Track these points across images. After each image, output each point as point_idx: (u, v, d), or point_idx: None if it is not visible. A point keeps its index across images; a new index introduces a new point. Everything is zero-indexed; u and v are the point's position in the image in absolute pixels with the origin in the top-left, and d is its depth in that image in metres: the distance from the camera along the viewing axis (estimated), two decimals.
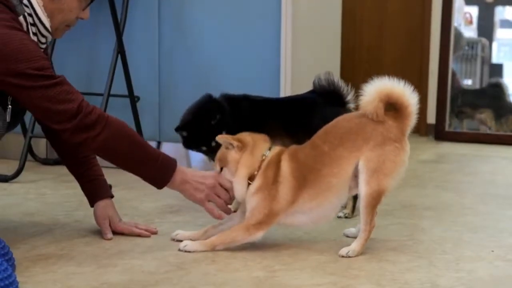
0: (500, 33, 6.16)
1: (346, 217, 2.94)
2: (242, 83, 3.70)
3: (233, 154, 2.48)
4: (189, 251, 2.44)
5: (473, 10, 6.04)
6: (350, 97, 2.91)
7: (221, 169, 2.52)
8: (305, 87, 3.01)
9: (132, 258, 2.40)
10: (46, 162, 3.99)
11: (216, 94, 2.93)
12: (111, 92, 3.72)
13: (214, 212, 2.53)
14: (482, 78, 5.94)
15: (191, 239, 2.51)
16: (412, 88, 2.45)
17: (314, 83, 2.95)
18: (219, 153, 2.52)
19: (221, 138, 2.49)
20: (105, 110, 3.63)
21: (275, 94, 3.61)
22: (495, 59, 6.08)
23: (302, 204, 2.45)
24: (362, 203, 2.41)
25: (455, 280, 2.23)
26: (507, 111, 5.62)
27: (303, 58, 3.77)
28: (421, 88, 5.50)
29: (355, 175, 2.43)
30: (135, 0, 3.91)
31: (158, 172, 2.48)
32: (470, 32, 6.02)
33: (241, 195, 2.47)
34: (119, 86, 3.78)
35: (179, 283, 2.16)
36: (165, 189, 2.53)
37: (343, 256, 2.41)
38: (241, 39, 3.79)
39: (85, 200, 2.68)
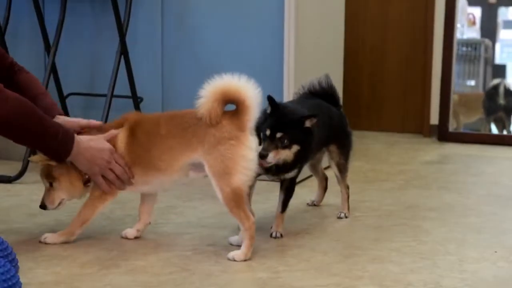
0: (503, 34, 6.15)
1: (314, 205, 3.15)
2: None
3: (59, 169, 2.52)
4: (48, 243, 2.52)
5: (476, 11, 6.03)
6: (341, 100, 3.07)
7: (51, 184, 2.56)
8: None
9: (135, 259, 2.40)
10: None
11: None
12: (114, 93, 3.72)
13: (104, 186, 2.52)
14: (485, 79, 5.93)
15: (138, 230, 2.65)
16: (251, 81, 2.38)
17: (313, 86, 2.95)
18: (43, 170, 2.56)
19: (36, 160, 2.55)
20: (108, 111, 3.64)
21: (278, 94, 3.59)
22: (498, 60, 6.07)
23: (137, 177, 2.51)
24: (226, 208, 2.40)
25: (458, 281, 2.23)
26: (496, 110, 5.65)
27: (306, 59, 3.77)
28: (424, 89, 5.52)
29: (194, 166, 2.45)
30: (138, 1, 3.91)
31: (59, 148, 2.45)
32: (473, 33, 6.01)
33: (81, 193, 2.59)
34: (122, 87, 3.78)
35: (183, 284, 2.16)
36: (168, 190, 2.53)
37: (228, 259, 2.38)
38: (245, 40, 3.79)
39: None
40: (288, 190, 2.73)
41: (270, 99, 2.63)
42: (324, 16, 4.10)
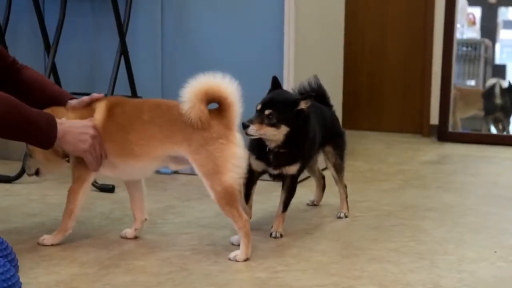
0: (503, 34, 6.15)
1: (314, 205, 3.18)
2: (245, 83, 3.69)
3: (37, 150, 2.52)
4: (47, 245, 2.52)
5: (476, 11, 6.03)
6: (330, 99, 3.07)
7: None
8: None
9: (134, 259, 2.40)
10: None
11: None
12: (114, 93, 3.72)
13: (94, 165, 2.48)
14: (485, 79, 5.93)
15: (136, 229, 2.64)
16: (230, 77, 2.38)
17: (303, 87, 2.95)
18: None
19: None
20: None
21: None
22: (498, 60, 6.07)
23: (110, 157, 2.47)
24: (219, 207, 2.39)
25: (457, 281, 2.23)
26: (494, 110, 5.66)
27: (306, 59, 3.77)
28: (423, 89, 5.53)
29: (174, 158, 2.43)
30: (138, 1, 3.91)
31: (44, 135, 2.40)
32: (473, 33, 6.01)
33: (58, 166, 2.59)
34: (122, 87, 3.78)
35: (182, 284, 2.16)
36: (167, 190, 2.53)
37: (230, 260, 2.39)
38: (244, 40, 3.79)
39: (87, 201, 2.68)
40: (289, 189, 2.73)
41: (274, 79, 2.68)
42: (324, 16, 4.10)
